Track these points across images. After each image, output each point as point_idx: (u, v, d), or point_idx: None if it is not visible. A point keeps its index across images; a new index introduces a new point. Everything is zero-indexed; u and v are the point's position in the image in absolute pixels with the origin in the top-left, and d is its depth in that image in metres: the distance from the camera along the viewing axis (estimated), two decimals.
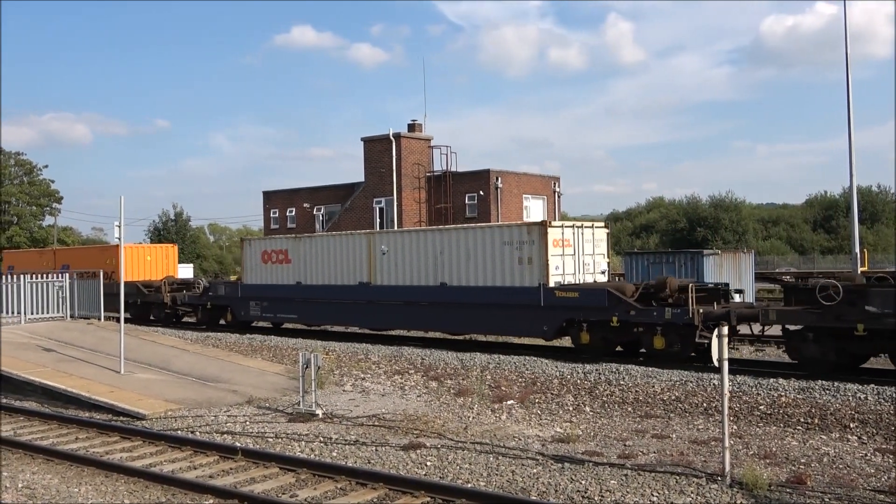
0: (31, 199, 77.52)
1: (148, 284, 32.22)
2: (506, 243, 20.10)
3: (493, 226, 21.46)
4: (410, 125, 44.21)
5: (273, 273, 26.03)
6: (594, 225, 21.47)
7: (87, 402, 15.20)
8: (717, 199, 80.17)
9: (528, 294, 19.58)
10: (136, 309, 32.03)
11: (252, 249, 27.00)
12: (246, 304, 26.75)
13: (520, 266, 19.81)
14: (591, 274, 20.73)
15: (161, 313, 31.18)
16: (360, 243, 23.45)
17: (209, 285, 29.31)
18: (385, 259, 22.70)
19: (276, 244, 26.42)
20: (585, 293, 18.86)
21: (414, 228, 23.27)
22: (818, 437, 11.71)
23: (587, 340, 18.82)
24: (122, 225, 17.67)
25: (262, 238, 27.76)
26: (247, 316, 26.94)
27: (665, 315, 17.42)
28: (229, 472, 10.42)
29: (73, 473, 10.63)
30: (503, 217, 41.02)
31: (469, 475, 9.90)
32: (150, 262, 35.74)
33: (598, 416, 13.66)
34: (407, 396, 15.54)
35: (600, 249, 21.18)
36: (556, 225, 20.19)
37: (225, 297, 27.76)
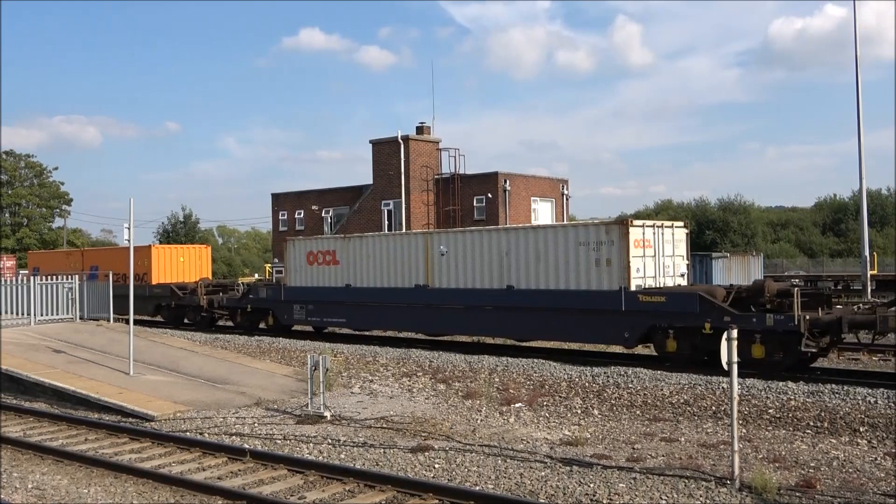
0: (42, 201, 78.02)
1: (182, 287, 31.18)
2: (581, 244, 18.88)
3: (567, 225, 20.23)
4: (419, 128, 44.27)
5: (319, 275, 24.96)
6: (674, 224, 20.16)
7: (96, 403, 15.25)
8: (726, 202, 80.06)
9: (606, 298, 18.38)
10: (170, 312, 31.32)
11: (296, 250, 25.84)
12: (289, 307, 25.70)
13: (597, 268, 18.62)
14: (670, 277, 19.53)
15: (196, 316, 30.18)
16: (417, 243, 22.31)
17: (249, 287, 28.45)
18: (444, 260, 21.56)
19: (323, 244, 25.28)
20: (674, 297, 17.60)
21: (477, 228, 21.45)
22: (828, 441, 11.67)
23: (674, 348, 17.60)
24: (131, 227, 17.73)
25: (307, 238, 26.78)
26: (290, 320, 25.94)
27: (766, 321, 16.19)
28: (238, 473, 10.44)
29: (83, 474, 10.67)
30: (511, 220, 40.99)
31: (477, 478, 9.90)
32: (183, 263, 34.28)
33: (607, 419, 13.64)
34: (415, 399, 15.55)
35: (680, 250, 19.93)
36: (637, 224, 18.94)
37: (266, 299, 26.77)
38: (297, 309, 25.41)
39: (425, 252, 21.99)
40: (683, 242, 20.01)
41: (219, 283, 32.00)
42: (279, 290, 26.21)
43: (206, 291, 29.62)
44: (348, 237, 24.66)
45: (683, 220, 20.62)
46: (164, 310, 31.63)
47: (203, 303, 29.06)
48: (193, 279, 32.76)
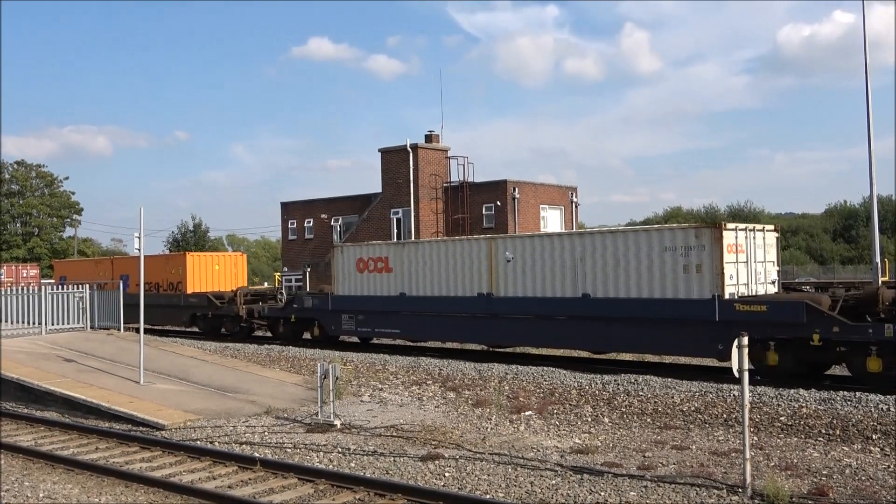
0: (53, 210, 78.42)
1: (219, 296, 29.86)
2: (667, 249, 17.66)
3: (650, 229, 18.64)
4: (427, 136, 44.33)
5: (371, 283, 23.73)
6: (765, 228, 18.78)
7: (107, 412, 15.29)
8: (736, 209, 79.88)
9: (697, 308, 17.16)
10: (207, 323, 30.24)
11: (345, 257, 24.62)
12: (337, 317, 24.49)
13: (685, 275, 17.37)
14: (762, 284, 18.21)
15: (235, 327, 29.01)
16: (479, 249, 21.06)
17: (293, 296, 27.20)
18: (511, 267, 20.30)
19: (375, 251, 23.96)
20: (776, 306, 16.28)
21: (547, 232, 20.20)
22: (840, 449, 11.60)
23: (775, 362, 16.27)
24: (141, 236, 17.82)
25: (357, 244, 25.52)
26: (338, 330, 24.78)
27: (884, 332, 14.86)
28: (248, 482, 10.45)
29: (94, 483, 10.70)
30: (520, 227, 40.95)
31: (487, 486, 9.88)
32: (218, 271, 32.84)
33: (617, 427, 13.60)
34: (425, 407, 15.53)
35: (770, 256, 18.64)
36: (730, 227, 17.57)
37: (312, 309, 25.45)
38: (346, 319, 24.28)
39: (489, 258, 20.82)
40: (774, 247, 18.85)
41: (257, 292, 30.83)
42: (326, 299, 25.08)
43: (245, 300, 28.57)
44: (402, 243, 23.58)
45: (774, 224, 19.52)
46: (201, 320, 30.57)
47: (242, 312, 28.06)
48: (229, 288, 31.62)
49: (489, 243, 20.92)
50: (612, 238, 18.69)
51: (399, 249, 23.15)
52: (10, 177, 77.64)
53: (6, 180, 77.32)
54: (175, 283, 31.23)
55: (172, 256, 34.70)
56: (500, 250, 20.51)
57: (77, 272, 37.19)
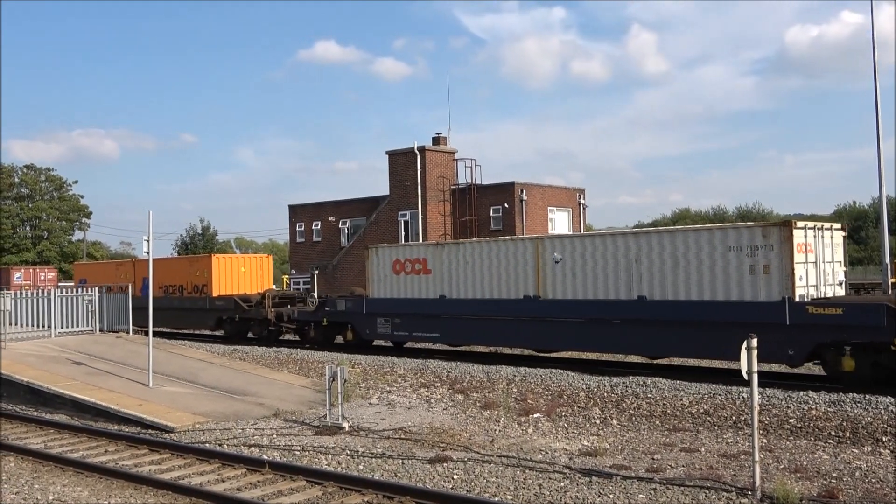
0: (62, 214, 78.71)
1: (246, 299, 29.14)
2: (732, 248, 16.82)
3: (713, 228, 17.69)
4: (435, 138, 44.35)
5: (408, 285, 22.98)
6: (832, 226, 17.95)
7: (116, 414, 15.34)
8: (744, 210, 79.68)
9: (765, 311, 16.30)
10: (233, 326, 29.54)
11: (380, 258, 23.83)
12: (372, 320, 23.80)
13: (752, 276, 16.54)
14: (830, 285, 17.39)
15: (263, 330, 28.44)
16: (525, 250, 20.26)
17: (325, 299, 26.42)
18: (559, 269, 19.48)
19: (412, 252, 23.18)
20: (854, 309, 15.43)
21: (599, 232, 19.54)
22: (850, 451, 11.56)
23: (851, 367, 15.53)
24: (150, 239, 17.87)
25: (392, 245, 24.82)
26: (373, 334, 24.07)
27: None
28: (257, 484, 10.47)
29: (103, 486, 10.73)
30: (528, 230, 40.92)
31: (496, 489, 9.87)
32: (244, 273, 31.86)
33: (626, 429, 13.57)
34: (433, 409, 15.53)
35: (838, 256, 17.81)
36: (800, 226, 16.80)
37: (346, 312, 24.77)
38: (382, 322, 23.55)
39: (535, 259, 19.96)
40: (841, 247, 18.01)
41: (286, 295, 30.23)
42: (360, 301, 24.34)
43: (273, 303, 27.92)
44: (442, 244, 22.74)
45: (840, 223, 18.88)
46: (227, 323, 29.81)
47: (271, 315, 27.52)
48: (255, 290, 30.91)
49: (536, 244, 20.14)
50: (670, 237, 17.95)
51: (438, 250, 22.39)
52: (19, 180, 77.98)
53: (16, 184, 77.68)
54: (200, 286, 30.55)
55: (197, 258, 33.90)
56: (548, 251, 19.76)
57: (98, 275, 36.38)
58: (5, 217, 74.53)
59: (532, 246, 20.17)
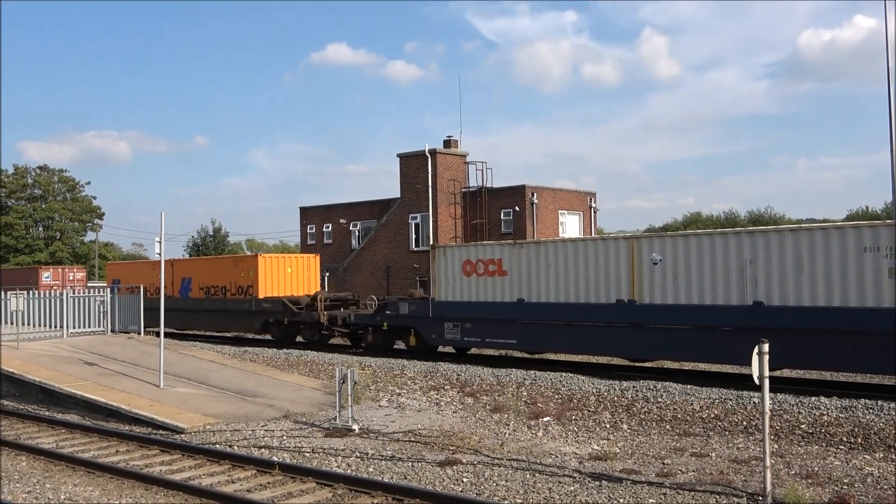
0: (74, 215, 79.17)
1: (295, 301, 27.79)
2: (867, 249, 15.28)
3: (844, 226, 16.04)
4: (446, 141, 44.39)
5: (480, 288, 21.45)
6: None
7: (127, 415, 15.42)
8: (756, 215, 79.39)
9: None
10: (281, 329, 28.16)
11: (447, 259, 22.30)
12: (439, 325, 22.34)
13: (890, 280, 15.05)
14: None
15: (314, 335, 27.07)
16: (618, 250, 18.79)
17: (384, 302, 24.90)
18: (658, 271, 18.03)
19: (486, 252, 21.56)
20: None
21: (706, 231, 18.12)
22: (861, 457, 11.50)
23: None
24: (162, 240, 17.98)
25: (462, 245, 23.28)
26: (440, 339, 22.59)
27: None
28: (267, 486, 10.50)
29: (114, 486, 10.79)
30: (538, 233, 40.89)
31: (506, 492, 9.87)
32: (290, 274, 30.41)
33: (636, 433, 13.55)
34: (443, 412, 15.54)
35: None
36: None
37: (409, 316, 23.34)
38: (450, 327, 22.12)
39: (630, 261, 18.52)
40: None
41: (337, 297, 28.95)
42: (426, 305, 22.82)
43: (325, 306, 26.79)
44: (520, 243, 21.10)
45: None
46: (274, 327, 28.43)
47: (323, 319, 26.30)
48: (301, 292, 29.65)
49: (631, 244, 18.65)
50: (792, 237, 16.37)
51: (516, 251, 20.80)
52: (32, 181, 78.49)
53: (29, 185, 78.18)
54: (245, 287, 29.30)
55: (242, 258, 32.32)
56: (645, 252, 18.32)
57: (132, 275, 34.98)
58: (18, 217, 74.99)
59: (626, 246, 18.71)
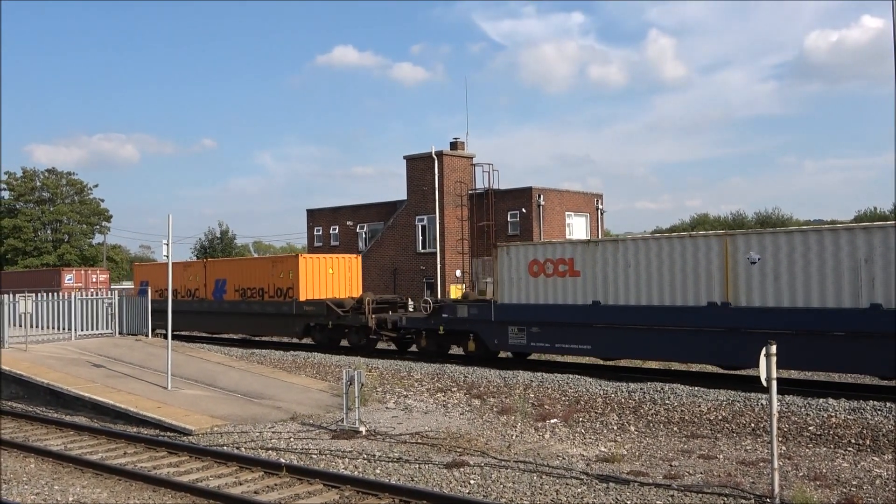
0: (82, 217, 79.38)
1: (339, 303, 26.40)
2: None
3: None
4: (453, 143, 44.43)
5: (549, 289, 19.93)
6: None
7: (135, 417, 15.45)
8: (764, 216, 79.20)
9: None
10: (324, 334, 26.81)
11: (512, 259, 20.80)
12: (502, 329, 20.87)
13: None
14: None
15: (361, 339, 25.72)
16: (709, 249, 17.31)
17: (440, 304, 23.53)
18: (756, 271, 16.61)
19: (555, 251, 20.00)
20: None
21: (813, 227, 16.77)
22: (870, 459, 11.46)
23: None
24: (169, 243, 18.03)
25: (528, 244, 21.82)
26: (503, 344, 21.16)
27: None
28: (274, 487, 10.51)
29: (122, 488, 10.81)
30: (545, 235, 40.87)
31: (513, 494, 9.86)
32: (331, 275, 28.94)
33: (643, 435, 13.52)
34: (450, 414, 15.54)
35: None
36: None
37: (468, 319, 21.88)
38: (514, 332, 20.63)
39: (722, 259, 17.11)
40: None
41: (385, 299, 27.65)
42: (488, 307, 21.42)
43: (372, 309, 25.50)
44: (595, 241, 19.76)
45: None
46: (317, 331, 27.05)
47: (372, 323, 24.88)
48: (343, 294, 28.40)
49: (724, 241, 17.19)
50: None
51: (590, 249, 19.32)
52: (41, 184, 78.76)
53: (37, 188, 78.47)
54: (284, 289, 28.02)
55: (281, 259, 30.57)
56: (741, 250, 16.88)
57: (162, 277, 32.80)
58: (26, 220, 75.27)
59: (719, 244, 17.26)
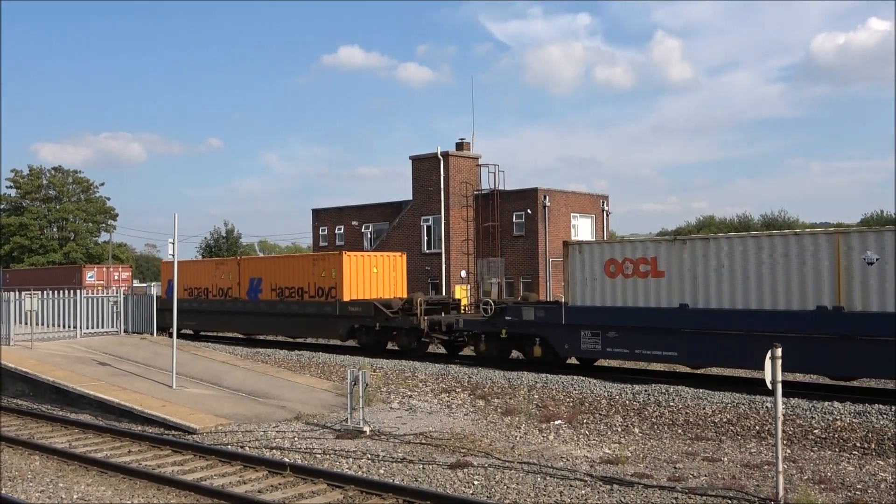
0: (88, 216, 79.57)
1: (387, 304, 24.91)
2: None
3: None
4: (458, 144, 44.39)
5: (628, 291, 18.55)
6: None
7: (139, 415, 15.48)
8: (770, 218, 78.98)
9: None
10: (371, 336, 25.24)
11: (585, 258, 19.38)
12: (574, 333, 19.47)
13: None
14: None
15: (412, 342, 24.25)
16: (817, 248, 16.00)
17: (506, 306, 21.78)
18: (875, 272, 15.32)
19: (635, 250, 18.64)
20: None
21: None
22: (875, 463, 11.43)
23: None
24: (175, 242, 18.04)
25: (605, 242, 20.34)
26: (574, 350, 19.74)
27: None
28: (278, 487, 10.52)
29: (126, 486, 10.83)
30: (550, 236, 40.84)
31: (517, 495, 9.85)
32: (376, 274, 27.36)
33: (648, 437, 13.50)
34: (454, 415, 15.53)
35: None
36: None
37: (534, 322, 20.44)
38: (587, 336, 19.29)
39: (833, 260, 15.81)
40: None
41: (437, 300, 26.35)
42: (558, 310, 20.00)
43: (424, 310, 24.04)
44: (682, 239, 18.22)
45: None
46: (363, 333, 25.44)
47: (424, 325, 23.45)
48: (388, 294, 27.09)
49: (835, 240, 15.83)
50: None
51: (676, 248, 17.96)
52: (47, 182, 78.99)
53: (44, 186, 78.68)
54: (327, 289, 26.49)
55: (323, 256, 28.58)
56: (856, 249, 15.55)
57: (191, 275, 31.67)
58: (33, 218, 75.46)
59: (829, 242, 15.93)
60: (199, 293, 31.15)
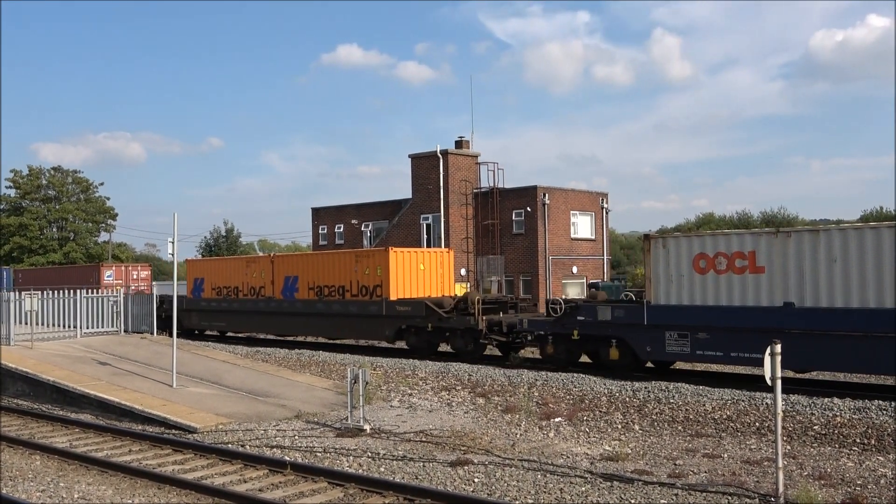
0: (88, 215, 79.53)
1: (439, 303, 23.21)
2: None
3: None
4: (458, 142, 44.40)
5: (722, 288, 16.97)
6: None
7: (140, 415, 15.49)
8: (769, 216, 79.02)
9: None
10: (422, 337, 23.67)
11: (670, 253, 17.83)
12: (657, 334, 17.90)
13: None
14: None
15: (468, 344, 22.56)
16: None
17: (578, 305, 20.00)
18: None
19: (729, 244, 17.02)
20: None
21: None
22: (875, 459, 11.44)
23: None
24: (175, 241, 18.05)
25: (693, 235, 18.69)
26: (658, 352, 18.12)
27: None
28: (278, 485, 10.53)
29: (127, 485, 10.84)
30: (550, 234, 40.86)
31: (517, 492, 9.87)
32: (423, 271, 25.63)
33: (648, 434, 13.51)
34: (454, 412, 15.54)
35: None
36: None
37: (612, 323, 18.83)
38: (674, 338, 17.75)
39: None
40: None
41: (496, 300, 24.65)
42: (639, 310, 18.37)
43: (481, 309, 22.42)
44: (785, 231, 16.62)
45: None
46: (412, 334, 23.90)
47: (482, 325, 21.93)
48: (436, 293, 25.51)
49: None
50: None
51: (779, 241, 16.37)
52: (46, 182, 78.96)
53: (43, 186, 78.67)
54: (371, 287, 24.84)
55: (366, 253, 26.72)
56: None
57: (220, 273, 30.35)
58: (32, 218, 75.45)
59: None
60: (228, 292, 29.53)
